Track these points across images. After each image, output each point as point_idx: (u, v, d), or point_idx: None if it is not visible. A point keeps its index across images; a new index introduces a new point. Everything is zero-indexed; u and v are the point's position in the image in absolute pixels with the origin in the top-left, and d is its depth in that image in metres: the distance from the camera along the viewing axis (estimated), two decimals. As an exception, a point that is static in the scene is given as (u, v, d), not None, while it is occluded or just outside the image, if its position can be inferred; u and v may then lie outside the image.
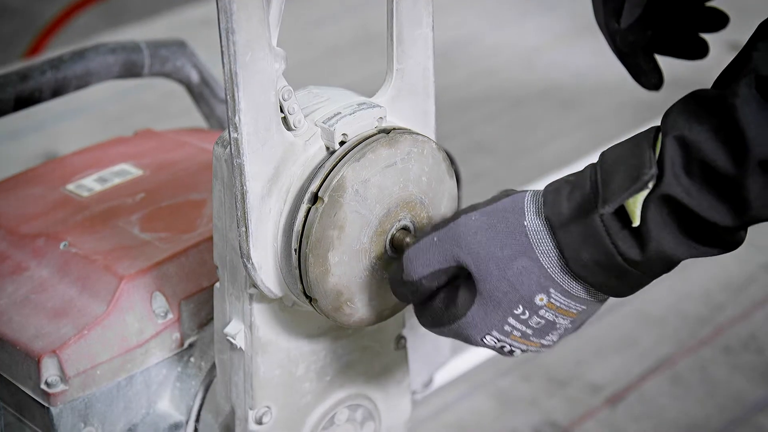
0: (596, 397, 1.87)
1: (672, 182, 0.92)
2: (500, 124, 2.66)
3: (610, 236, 0.94)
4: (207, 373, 1.22)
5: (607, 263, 0.95)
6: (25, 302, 1.20)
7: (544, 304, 0.99)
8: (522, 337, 1.02)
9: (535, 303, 0.99)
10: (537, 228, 0.98)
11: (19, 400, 1.18)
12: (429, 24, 1.10)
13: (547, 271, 0.98)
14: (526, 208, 0.99)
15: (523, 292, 0.99)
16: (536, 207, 0.99)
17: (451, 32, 2.97)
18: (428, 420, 1.83)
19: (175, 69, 1.53)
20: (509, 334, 1.02)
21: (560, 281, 0.98)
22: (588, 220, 0.95)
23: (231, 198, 1.06)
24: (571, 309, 1.00)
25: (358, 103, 1.08)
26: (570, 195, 0.97)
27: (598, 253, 0.95)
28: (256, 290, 1.09)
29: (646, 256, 0.94)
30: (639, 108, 2.60)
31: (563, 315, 1.00)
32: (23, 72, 1.41)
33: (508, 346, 1.03)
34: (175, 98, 2.08)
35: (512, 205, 1.00)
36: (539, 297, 0.99)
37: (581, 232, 0.95)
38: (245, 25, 0.98)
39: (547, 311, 1.00)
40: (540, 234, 0.98)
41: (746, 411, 1.85)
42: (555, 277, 0.98)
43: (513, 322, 1.01)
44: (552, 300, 0.99)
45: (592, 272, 0.97)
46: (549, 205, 0.98)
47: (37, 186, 1.36)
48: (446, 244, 1.01)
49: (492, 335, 1.02)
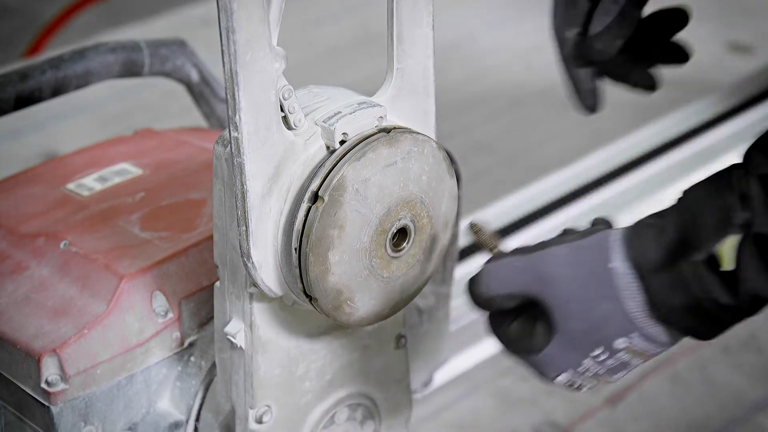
0: (596, 397, 1.87)
1: (764, 222, 0.90)
2: (500, 123, 2.66)
3: (701, 282, 0.93)
4: (207, 372, 1.22)
5: (697, 309, 0.94)
6: (25, 301, 1.20)
7: (624, 347, 0.98)
8: (594, 377, 1.01)
9: (614, 347, 0.98)
10: (623, 272, 0.96)
11: (19, 399, 1.18)
12: (429, 23, 1.10)
13: (630, 317, 0.96)
14: (612, 250, 0.97)
15: (604, 336, 0.97)
16: (622, 249, 0.97)
17: (451, 32, 2.97)
18: (428, 419, 1.83)
19: (175, 68, 1.53)
20: (583, 373, 1.01)
21: (643, 327, 0.97)
22: (678, 267, 0.93)
23: (231, 197, 1.06)
24: (648, 352, 0.99)
25: (358, 102, 1.08)
26: (656, 240, 0.95)
27: (689, 299, 0.94)
28: (256, 289, 1.09)
29: (739, 300, 0.92)
30: (638, 107, 2.60)
31: (640, 357, 0.99)
32: (23, 71, 1.41)
33: (578, 383, 1.02)
34: (175, 98, 2.07)
35: (599, 244, 0.98)
36: (619, 341, 0.98)
37: (671, 280, 0.94)
38: (245, 25, 0.98)
39: (625, 354, 0.99)
40: (626, 279, 0.96)
41: (746, 410, 1.85)
42: (638, 322, 0.96)
43: (589, 363, 0.99)
44: (632, 344, 0.98)
45: (681, 318, 0.95)
46: (635, 250, 0.96)
47: (38, 185, 1.36)
48: (529, 273, 1.00)
49: (566, 373, 1.01)
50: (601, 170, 2.34)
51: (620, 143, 2.43)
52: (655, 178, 2.32)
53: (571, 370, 1.00)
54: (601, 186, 2.29)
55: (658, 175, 2.32)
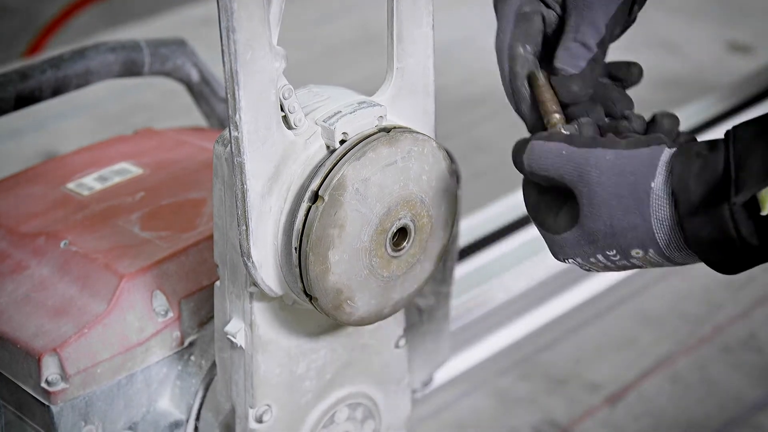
0: (596, 396, 1.87)
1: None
2: (500, 123, 2.65)
3: (736, 224, 0.93)
4: (207, 371, 1.22)
5: (724, 244, 0.95)
6: (25, 301, 1.20)
7: (639, 256, 0.99)
8: (603, 267, 1.02)
9: (630, 253, 0.99)
10: (660, 195, 0.97)
11: (19, 398, 1.18)
12: (429, 23, 1.10)
13: (654, 236, 0.97)
14: (658, 170, 0.97)
15: (623, 242, 0.99)
16: (666, 172, 0.97)
17: (451, 31, 2.97)
18: (428, 419, 1.83)
19: (176, 68, 1.53)
20: (594, 264, 1.02)
21: (664, 247, 0.98)
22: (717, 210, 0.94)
23: (231, 196, 1.07)
24: (663, 264, 1.00)
25: (358, 101, 1.08)
26: (700, 173, 0.95)
27: (719, 235, 0.94)
28: (256, 289, 1.09)
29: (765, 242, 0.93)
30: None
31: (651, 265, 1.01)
32: (23, 71, 1.41)
33: (586, 267, 1.03)
34: (175, 97, 2.08)
35: (649, 159, 0.98)
36: (636, 251, 0.99)
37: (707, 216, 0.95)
38: (246, 24, 0.98)
39: (637, 260, 1.00)
40: (662, 202, 0.97)
41: (745, 410, 1.85)
42: (660, 242, 0.97)
43: (601, 257, 1.01)
44: (648, 256, 0.99)
45: (707, 249, 0.96)
46: (678, 177, 0.96)
47: (38, 185, 1.36)
48: (571, 165, 1.00)
49: (576, 260, 1.02)
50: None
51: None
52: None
53: (580, 258, 1.02)
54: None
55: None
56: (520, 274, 1.97)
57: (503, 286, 1.97)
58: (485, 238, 2.09)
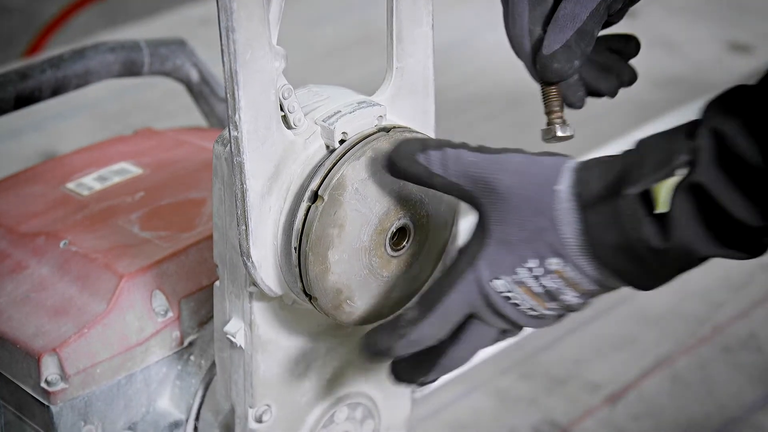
0: (595, 396, 1.87)
1: (703, 172, 0.90)
2: (499, 122, 2.65)
3: (635, 220, 0.93)
4: (207, 371, 1.22)
5: (629, 248, 0.94)
6: (25, 301, 1.20)
7: (556, 269, 0.97)
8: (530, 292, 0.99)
9: (547, 265, 0.97)
10: (566, 198, 0.96)
11: (19, 398, 1.18)
12: (429, 23, 1.10)
13: (563, 242, 0.96)
14: (562, 174, 0.97)
15: (539, 249, 0.97)
16: (571, 176, 0.97)
17: (450, 31, 2.97)
18: (427, 419, 1.83)
19: (175, 68, 1.53)
20: (519, 284, 0.99)
21: (575, 256, 0.97)
22: (615, 201, 0.93)
23: (231, 196, 1.07)
24: (580, 285, 0.98)
25: (358, 101, 1.08)
26: (601, 174, 0.96)
27: (621, 236, 0.94)
28: (256, 288, 1.09)
29: (668, 245, 0.92)
30: (637, 106, 2.60)
31: (572, 288, 0.98)
32: (23, 71, 1.41)
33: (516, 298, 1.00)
34: (175, 97, 2.07)
35: (553, 165, 0.98)
36: (552, 261, 0.97)
37: (606, 214, 0.94)
38: (245, 24, 0.98)
39: (558, 278, 0.98)
40: (567, 204, 0.96)
41: (745, 410, 1.85)
42: (570, 251, 0.96)
43: (524, 273, 0.98)
44: (564, 269, 0.97)
45: (612, 255, 0.95)
46: (581, 180, 0.96)
47: (37, 185, 1.36)
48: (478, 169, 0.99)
49: (502, 280, 0.99)
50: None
51: (620, 142, 2.43)
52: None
53: (506, 276, 0.99)
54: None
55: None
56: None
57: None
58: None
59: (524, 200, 0.97)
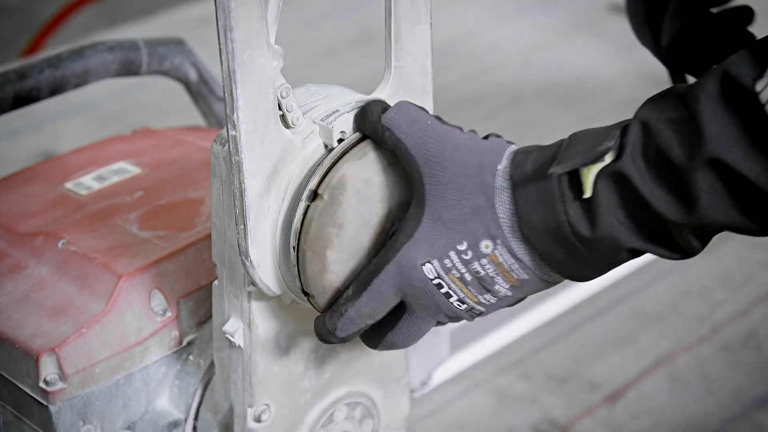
0: (595, 395, 1.87)
1: (628, 162, 0.91)
2: (498, 121, 2.65)
3: (562, 203, 0.94)
4: (206, 371, 1.22)
5: (556, 230, 0.95)
6: (23, 300, 1.20)
7: (488, 252, 0.98)
8: (461, 281, 1.00)
9: (479, 248, 0.98)
10: (503, 177, 0.98)
11: (17, 398, 1.18)
12: (427, 21, 1.10)
13: (498, 222, 0.97)
14: (505, 155, 0.99)
15: (472, 230, 0.98)
16: (510, 158, 0.99)
17: (449, 30, 2.97)
18: (427, 418, 1.83)
19: (174, 67, 1.53)
20: (449, 270, 0.99)
21: (509, 237, 0.97)
22: (543, 181, 0.95)
23: (229, 196, 1.06)
24: (513, 272, 0.99)
25: (356, 100, 1.08)
26: (536, 157, 0.97)
27: (549, 217, 0.95)
28: (254, 288, 1.09)
29: (594, 234, 0.93)
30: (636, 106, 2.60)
31: (504, 276, 0.99)
32: (21, 70, 1.41)
33: (446, 285, 1.00)
34: (174, 96, 2.07)
35: (496, 147, 0.99)
36: (485, 243, 0.98)
37: (536, 192, 0.95)
38: (243, 23, 0.98)
39: (489, 264, 0.98)
40: (503, 183, 0.97)
41: (745, 408, 1.85)
42: (504, 231, 0.97)
43: (455, 258, 0.99)
44: (496, 253, 0.98)
45: (540, 237, 0.96)
46: (518, 161, 0.98)
47: (36, 184, 1.36)
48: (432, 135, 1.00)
49: (432, 264, 0.99)
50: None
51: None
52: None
53: (436, 261, 0.99)
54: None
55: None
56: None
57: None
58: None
59: (464, 176, 0.98)
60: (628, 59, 2.75)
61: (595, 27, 3.02)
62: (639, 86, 2.69)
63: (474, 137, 1.01)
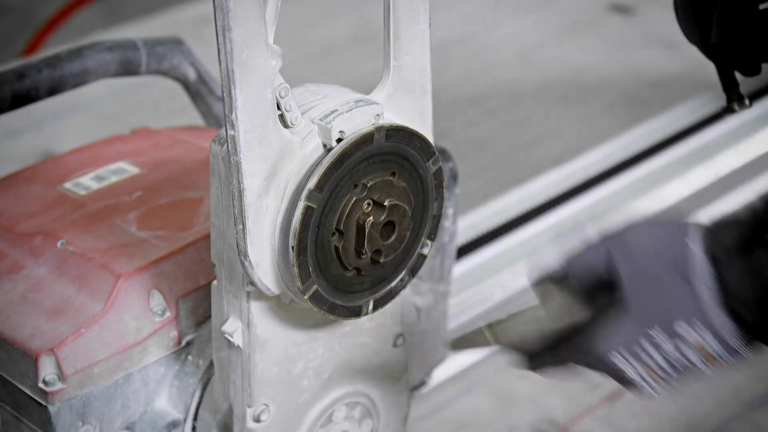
0: (595, 395, 1.87)
1: None
2: (498, 120, 2.65)
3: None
4: (205, 371, 1.22)
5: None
6: (22, 301, 1.20)
7: (685, 334, 0.94)
8: (654, 368, 0.96)
9: (675, 329, 0.94)
10: (700, 255, 0.93)
11: (16, 398, 1.18)
12: (426, 21, 1.10)
13: (699, 301, 0.92)
14: (691, 232, 0.94)
15: (666, 314, 0.93)
16: (700, 234, 0.94)
17: (448, 29, 2.97)
18: (426, 417, 1.83)
19: (172, 67, 1.53)
20: (638, 357, 0.96)
21: (711, 317, 0.93)
22: (753, 253, 0.90)
23: (228, 195, 1.06)
24: (712, 352, 0.95)
25: (355, 100, 1.08)
26: (732, 227, 0.93)
27: (763, 289, 0.90)
28: (253, 288, 1.09)
29: None
30: (635, 104, 2.60)
31: (702, 356, 0.95)
32: (20, 70, 1.41)
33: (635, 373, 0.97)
34: (173, 96, 2.07)
35: (680, 223, 0.95)
36: (682, 324, 0.93)
37: (746, 266, 0.91)
38: (242, 23, 0.98)
39: (685, 345, 0.94)
40: (702, 261, 0.93)
41: (745, 408, 1.84)
42: (706, 310, 0.93)
43: (645, 344, 0.95)
44: (696, 333, 0.93)
45: (752, 311, 0.91)
46: (712, 237, 0.93)
47: (35, 184, 1.36)
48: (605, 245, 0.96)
49: (621, 352, 0.96)
50: (598, 168, 2.34)
51: (618, 140, 2.43)
52: (653, 175, 2.32)
53: (624, 348, 0.96)
54: (599, 183, 2.29)
55: (656, 172, 2.32)
56: (518, 272, 1.97)
57: (501, 284, 1.96)
58: (483, 237, 2.09)
59: (656, 261, 0.94)
60: (627, 58, 2.75)
61: (595, 26, 3.02)
62: (637, 86, 2.69)
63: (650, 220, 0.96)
